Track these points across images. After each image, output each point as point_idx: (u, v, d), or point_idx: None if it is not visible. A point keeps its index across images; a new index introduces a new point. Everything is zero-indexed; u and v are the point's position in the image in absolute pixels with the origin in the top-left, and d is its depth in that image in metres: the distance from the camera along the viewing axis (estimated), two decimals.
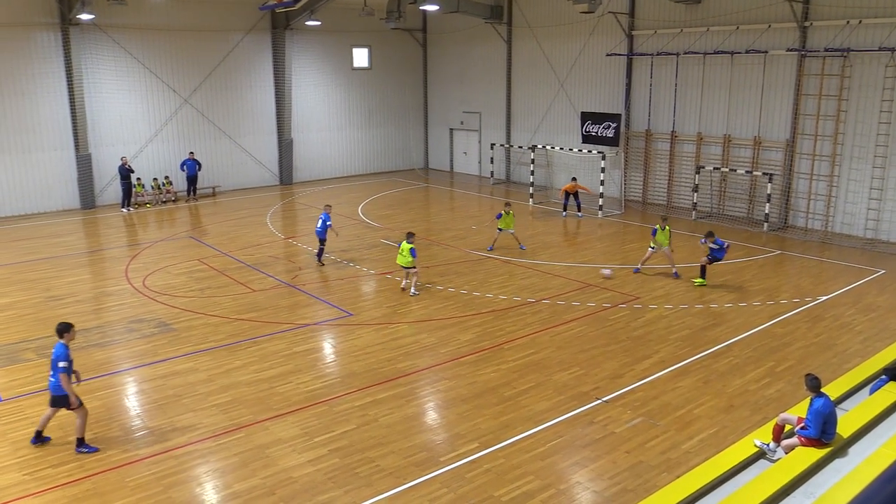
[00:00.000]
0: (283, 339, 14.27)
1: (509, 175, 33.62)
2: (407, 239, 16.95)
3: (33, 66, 26.01)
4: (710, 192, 25.23)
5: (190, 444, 10.30)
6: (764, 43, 23.13)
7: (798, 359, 13.03)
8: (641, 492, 8.92)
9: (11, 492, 9.16)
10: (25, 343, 14.17)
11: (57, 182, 27.21)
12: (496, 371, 12.65)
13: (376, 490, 9.11)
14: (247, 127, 31.78)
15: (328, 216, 19.47)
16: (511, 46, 32.20)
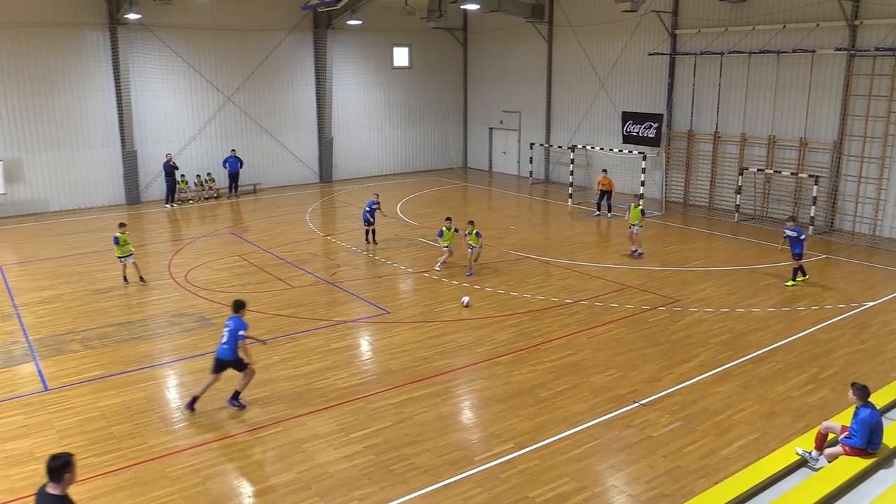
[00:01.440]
0: (320, 335, 14.39)
1: (548, 175, 33.44)
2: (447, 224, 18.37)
3: (82, 65, 26.69)
4: (753, 193, 24.76)
5: (228, 437, 10.44)
6: (811, 42, 22.61)
7: (843, 366, 12.72)
8: (678, 497, 8.81)
9: None
10: (71, 335, 14.52)
11: (103, 178, 27.87)
12: (532, 372, 12.59)
13: (411, 487, 9.13)
14: (288, 125, 32.16)
15: (374, 202, 21.27)
16: (552, 45, 32.01)
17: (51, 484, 6.16)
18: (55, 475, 6.14)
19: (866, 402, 8.77)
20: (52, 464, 6.15)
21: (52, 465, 6.14)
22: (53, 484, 6.16)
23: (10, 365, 13.05)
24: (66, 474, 6.17)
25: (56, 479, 6.14)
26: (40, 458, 9.83)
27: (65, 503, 6.15)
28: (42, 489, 6.26)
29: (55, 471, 6.14)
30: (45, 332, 14.67)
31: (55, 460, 6.18)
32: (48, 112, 26.29)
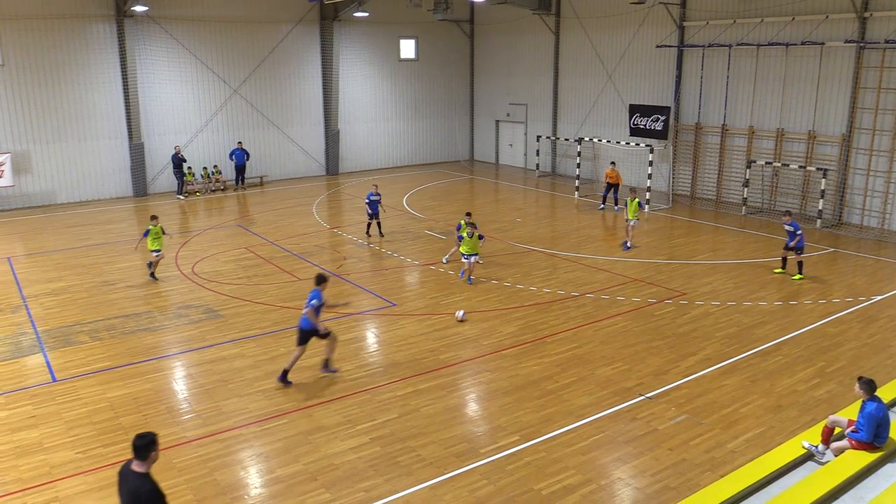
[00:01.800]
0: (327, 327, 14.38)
1: (555, 167, 33.37)
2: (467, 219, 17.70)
3: (89, 57, 26.72)
4: (761, 187, 24.66)
5: (235, 428, 10.49)
6: (820, 34, 22.46)
7: (850, 360, 12.69)
8: (684, 490, 8.81)
9: (65, 469, 9.46)
10: (79, 326, 14.59)
11: (110, 170, 27.93)
12: (538, 364, 12.60)
13: (417, 479, 9.16)
14: (294, 117, 32.16)
15: (373, 193, 21.25)
16: (559, 38, 31.89)
17: (136, 462, 6.21)
18: (141, 453, 6.17)
19: (873, 396, 8.75)
20: (139, 442, 6.18)
21: (139, 444, 6.17)
22: (139, 462, 6.20)
23: (19, 356, 13.12)
24: (151, 452, 6.20)
25: (142, 457, 6.18)
26: (48, 449, 9.92)
27: (149, 480, 6.19)
28: (127, 467, 6.29)
29: (141, 449, 6.17)
30: (53, 323, 14.75)
31: (141, 439, 6.20)
32: (56, 104, 26.35)
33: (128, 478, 6.20)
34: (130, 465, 6.25)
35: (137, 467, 6.18)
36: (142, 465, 6.18)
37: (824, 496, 7.92)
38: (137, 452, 6.17)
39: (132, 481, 6.12)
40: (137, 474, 6.15)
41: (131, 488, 6.09)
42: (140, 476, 6.14)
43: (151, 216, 17.82)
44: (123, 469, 6.31)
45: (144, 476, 6.16)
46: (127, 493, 6.16)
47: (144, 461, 6.18)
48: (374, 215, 21.38)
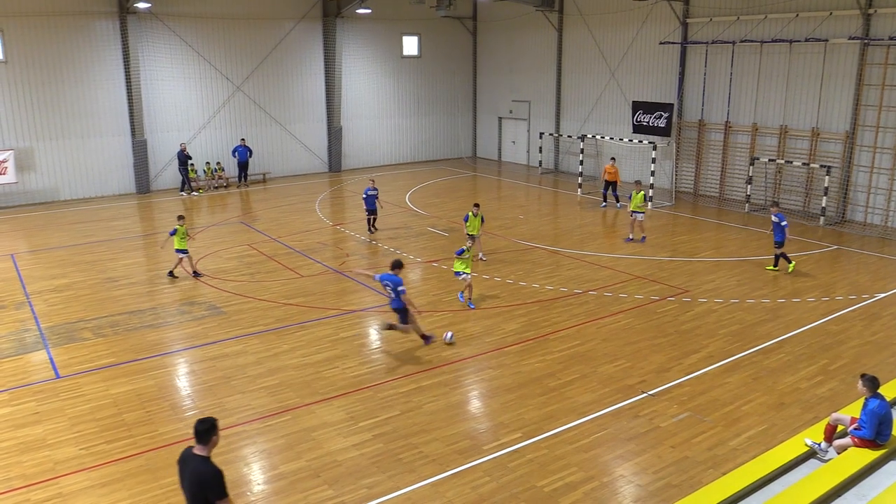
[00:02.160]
0: (329, 324, 14.44)
1: (558, 165, 33.34)
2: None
3: (92, 54, 26.74)
4: (764, 184, 24.62)
5: (238, 424, 10.50)
6: (824, 31, 22.40)
7: (853, 357, 12.67)
8: (686, 488, 8.81)
9: (68, 465, 9.49)
10: (83, 322, 14.63)
11: (114, 167, 27.96)
12: (541, 361, 12.60)
13: (419, 476, 9.17)
14: (297, 114, 32.16)
15: (371, 188, 21.55)
16: (562, 35, 31.84)
17: (198, 446, 6.40)
18: (203, 438, 6.37)
19: (876, 394, 8.75)
20: (200, 427, 6.38)
21: (200, 429, 6.37)
22: (201, 446, 6.39)
23: (23, 352, 13.16)
24: (212, 437, 6.40)
25: (203, 441, 6.38)
26: (52, 445, 9.95)
27: (211, 463, 6.37)
28: (189, 451, 6.50)
29: (203, 434, 6.36)
30: (56, 320, 14.78)
31: (202, 424, 6.40)
32: (59, 101, 26.38)
33: (190, 461, 6.42)
34: (192, 450, 6.46)
35: (199, 451, 6.40)
36: (203, 448, 6.39)
37: (827, 494, 7.93)
38: (199, 437, 6.38)
39: (195, 464, 6.35)
40: (200, 458, 6.38)
41: (194, 471, 6.32)
42: (202, 459, 6.37)
43: (179, 216, 17.81)
44: (185, 454, 6.53)
45: (206, 459, 6.38)
46: (190, 475, 6.37)
47: (206, 445, 6.39)
48: (372, 211, 21.50)
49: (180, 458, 6.59)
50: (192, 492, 6.36)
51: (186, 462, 6.48)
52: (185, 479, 6.46)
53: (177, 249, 17.25)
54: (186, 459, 6.49)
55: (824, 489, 7.93)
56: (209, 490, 6.25)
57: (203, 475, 6.28)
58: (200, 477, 6.28)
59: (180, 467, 6.58)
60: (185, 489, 6.49)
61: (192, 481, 6.34)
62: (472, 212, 17.98)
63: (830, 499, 7.98)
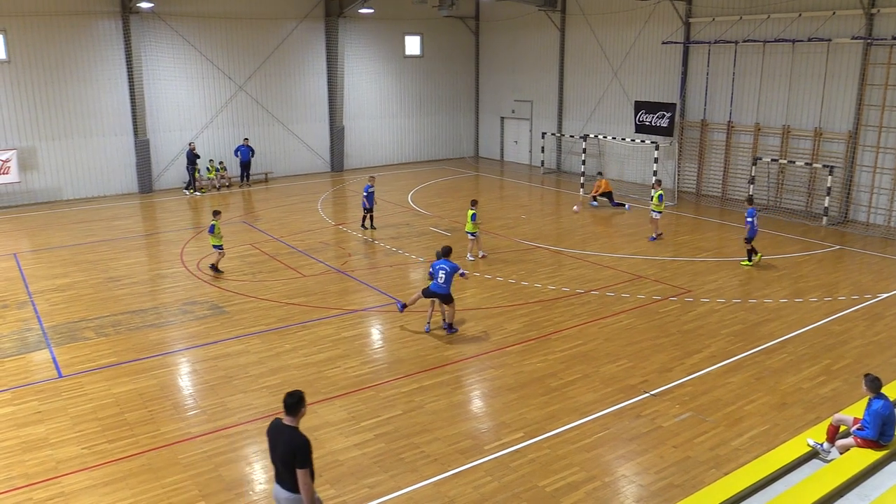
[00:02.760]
0: (331, 323, 14.44)
1: (560, 164, 33.32)
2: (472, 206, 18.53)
3: (95, 54, 26.75)
4: (767, 184, 24.58)
5: (240, 424, 10.51)
6: (827, 31, 22.36)
7: (855, 357, 12.65)
8: (688, 487, 8.80)
9: (70, 464, 9.50)
10: (85, 322, 14.64)
11: (116, 166, 27.97)
12: (543, 361, 12.59)
13: (421, 476, 9.17)
14: (299, 114, 32.16)
15: (370, 186, 21.68)
16: (564, 34, 31.82)
17: (287, 417, 6.84)
18: (292, 410, 6.81)
19: (879, 394, 8.73)
20: (290, 400, 6.81)
21: (290, 402, 6.80)
22: (290, 417, 6.83)
23: (25, 352, 13.17)
24: (300, 409, 6.85)
25: (293, 413, 6.82)
26: (54, 444, 9.96)
27: (301, 433, 6.80)
28: (278, 423, 6.94)
29: (292, 406, 6.80)
30: (59, 319, 14.80)
31: (291, 397, 6.82)
32: (62, 101, 26.40)
33: (281, 432, 6.85)
34: (281, 421, 6.91)
35: (289, 422, 6.84)
36: (293, 420, 6.83)
37: (829, 494, 7.91)
38: (289, 409, 6.81)
39: (287, 434, 6.79)
40: (291, 428, 6.81)
41: (287, 440, 6.76)
42: (293, 429, 6.80)
43: (214, 211, 17.88)
44: (275, 425, 6.96)
45: (296, 429, 6.81)
46: (283, 444, 6.79)
47: (295, 416, 6.83)
48: (370, 208, 21.78)
49: (270, 429, 7.00)
50: (285, 460, 6.78)
51: (278, 432, 6.90)
52: (278, 447, 6.87)
53: (214, 245, 17.48)
54: (277, 430, 6.91)
55: (827, 489, 7.92)
56: (297, 458, 6.68)
57: (295, 444, 6.71)
58: (293, 446, 6.70)
59: (270, 437, 6.98)
60: (277, 457, 6.91)
61: (286, 450, 6.74)
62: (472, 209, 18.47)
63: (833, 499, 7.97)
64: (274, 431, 6.99)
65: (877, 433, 8.64)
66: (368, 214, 21.96)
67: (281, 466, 6.89)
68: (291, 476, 6.79)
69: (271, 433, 7.00)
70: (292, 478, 6.79)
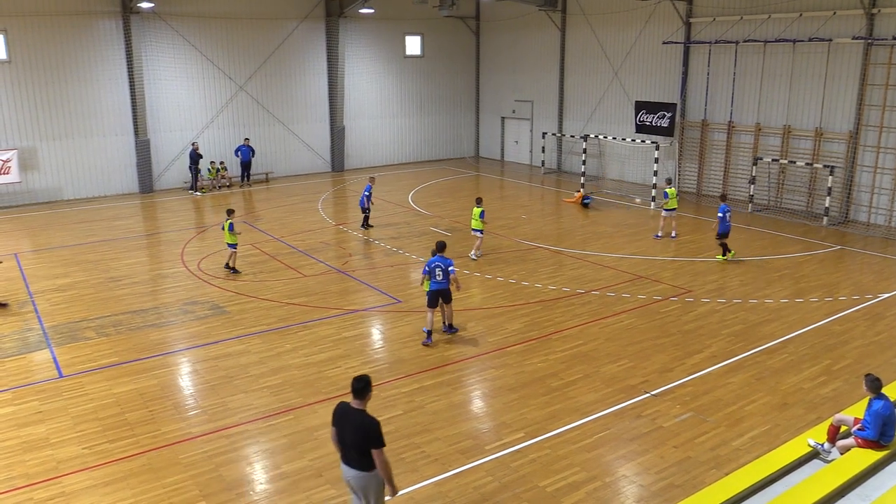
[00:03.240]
0: (332, 324, 14.44)
1: (560, 164, 33.31)
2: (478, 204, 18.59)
3: (96, 54, 26.75)
4: (767, 184, 24.57)
5: (241, 424, 10.51)
6: (828, 31, 22.36)
7: (856, 358, 12.64)
8: (689, 488, 8.79)
9: (71, 464, 9.50)
10: (86, 322, 14.64)
11: (117, 167, 27.97)
12: (544, 361, 12.59)
13: (422, 476, 9.17)
14: (300, 114, 32.16)
15: (370, 187, 21.89)
16: (565, 34, 31.81)
17: (355, 401, 7.09)
18: (360, 394, 7.07)
19: (880, 395, 8.72)
20: (357, 385, 7.06)
21: (358, 386, 7.06)
22: (358, 401, 7.08)
23: (26, 352, 13.18)
24: (368, 393, 7.11)
25: (361, 396, 7.07)
26: (55, 444, 9.96)
27: (370, 416, 7.07)
28: (346, 406, 7.18)
29: (360, 390, 7.06)
30: (59, 319, 14.80)
31: (359, 381, 7.08)
32: (62, 101, 26.40)
33: (350, 415, 7.10)
34: (348, 405, 7.15)
35: (357, 405, 7.08)
36: (361, 403, 7.08)
37: (829, 494, 7.91)
38: (357, 393, 7.06)
39: (356, 417, 7.05)
40: (359, 411, 7.07)
41: (357, 423, 7.03)
42: (362, 412, 7.07)
43: (229, 210, 17.99)
44: (343, 408, 7.19)
45: (365, 412, 7.07)
46: (353, 427, 7.05)
47: (363, 400, 7.08)
48: (367, 208, 21.89)
49: (338, 413, 7.21)
50: (357, 442, 7.03)
51: (347, 416, 7.12)
52: (347, 431, 7.10)
53: (229, 244, 17.61)
54: (346, 414, 7.13)
55: (827, 490, 7.91)
56: (372, 439, 6.94)
57: (367, 426, 6.96)
58: (365, 428, 6.96)
59: (339, 421, 7.20)
60: (347, 440, 7.13)
61: (358, 433, 7.01)
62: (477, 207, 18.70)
63: (833, 499, 7.96)
64: (341, 415, 7.17)
65: (877, 433, 8.64)
66: (367, 215, 22.00)
67: (352, 449, 7.08)
68: (362, 457, 7.02)
69: (338, 417, 7.19)
70: (362, 458, 7.02)
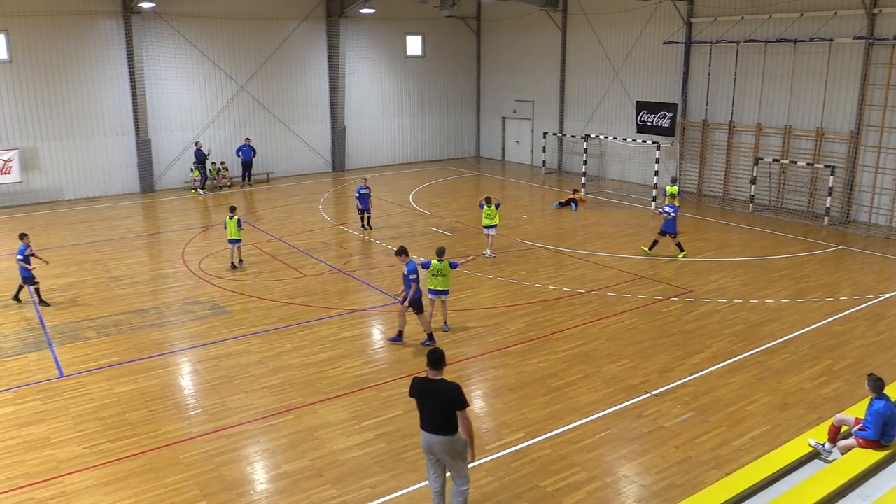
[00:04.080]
0: (332, 323, 14.44)
1: (561, 164, 33.30)
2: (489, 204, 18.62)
3: (97, 54, 26.77)
4: (768, 184, 24.56)
5: (241, 424, 10.50)
6: (829, 31, 22.34)
7: (857, 358, 12.63)
8: (690, 488, 8.78)
9: (72, 464, 9.50)
10: (87, 322, 14.64)
11: (118, 166, 27.98)
12: (544, 361, 12.58)
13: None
14: (301, 114, 32.16)
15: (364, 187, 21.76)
16: (566, 34, 31.80)
17: (432, 372, 7.62)
18: (437, 364, 7.61)
19: (881, 395, 8.71)
20: (434, 356, 7.60)
21: (434, 357, 7.60)
22: (435, 371, 7.62)
23: (27, 351, 13.18)
24: (443, 364, 7.66)
25: (438, 367, 7.62)
26: (56, 444, 9.96)
27: (449, 381, 7.65)
28: (425, 379, 7.67)
29: (437, 361, 7.60)
30: (60, 319, 14.80)
31: (435, 353, 7.64)
32: (63, 101, 26.42)
33: (433, 386, 7.61)
34: (425, 378, 7.66)
35: (435, 376, 7.61)
36: (438, 373, 7.62)
37: (830, 494, 7.90)
38: (435, 364, 7.58)
39: (440, 385, 7.59)
40: (439, 379, 7.61)
41: (442, 390, 7.55)
42: (442, 380, 7.62)
43: (232, 207, 18.22)
44: (421, 383, 7.68)
45: (444, 379, 7.64)
46: (439, 395, 7.55)
47: (439, 370, 7.63)
48: (364, 209, 21.79)
49: (417, 387, 7.68)
50: (444, 409, 7.53)
51: (427, 387, 7.62)
52: (432, 400, 7.58)
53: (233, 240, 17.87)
54: (426, 385, 7.64)
55: (828, 490, 7.90)
56: (457, 402, 7.49)
57: (451, 391, 7.52)
58: (450, 393, 7.51)
59: (420, 394, 7.67)
60: (433, 409, 7.59)
61: (444, 400, 7.51)
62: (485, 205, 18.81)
63: (834, 500, 7.96)
64: (422, 388, 7.65)
65: (878, 433, 8.63)
66: (365, 215, 21.98)
67: (439, 416, 7.55)
68: (447, 422, 7.53)
69: (419, 390, 7.66)
70: (448, 423, 7.53)
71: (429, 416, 7.65)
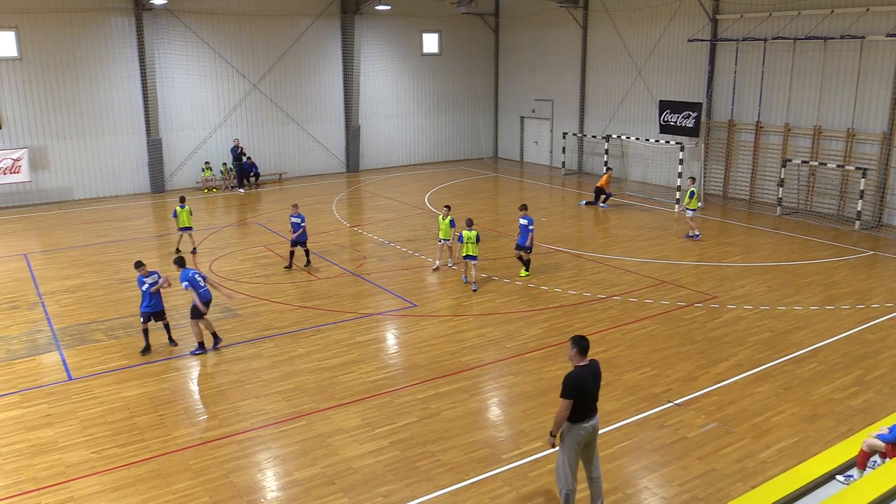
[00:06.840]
0: (346, 328, 14.19)
1: (581, 166, 32.89)
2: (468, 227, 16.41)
3: (107, 51, 26.68)
4: (797, 186, 24.01)
5: (252, 429, 10.31)
6: (861, 28, 21.78)
7: (890, 367, 12.20)
8: (713, 501, 8.56)
9: (79, 469, 9.36)
10: (95, 324, 14.50)
11: (128, 166, 27.88)
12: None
13: (436, 485, 8.94)
14: (314, 113, 31.97)
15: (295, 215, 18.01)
16: (587, 32, 31.40)
17: (582, 358, 7.97)
18: (588, 350, 7.98)
19: None
20: (584, 343, 7.97)
21: (585, 344, 7.98)
22: (583, 357, 7.98)
23: (35, 354, 13.06)
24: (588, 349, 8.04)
25: (587, 352, 7.98)
26: (63, 448, 9.84)
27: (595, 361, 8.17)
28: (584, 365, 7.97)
29: (587, 347, 7.98)
30: (69, 321, 14.68)
31: (585, 340, 8.02)
32: (73, 99, 26.35)
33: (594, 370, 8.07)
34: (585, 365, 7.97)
35: (584, 361, 7.97)
36: (585, 358, 7.97)
37: None
38: (586, 350, 7.95)
39: (595, 366, 8.08)
40: (591, 361, 8.03)
41: (597, 369, 8.11)
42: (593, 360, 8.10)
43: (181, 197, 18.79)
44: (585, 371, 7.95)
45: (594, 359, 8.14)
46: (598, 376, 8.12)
47: (586, 355, 7.99)
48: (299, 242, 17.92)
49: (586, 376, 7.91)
50: (598, 388, 8.16)
51: (591, 372, 8.00)
52: (594, 384, 8.06)
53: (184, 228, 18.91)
54: (588, 370, 7.98)
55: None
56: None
57: (599, 370, 8.17)
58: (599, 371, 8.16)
59: (589, 381, 7.96)
60: (595, 391, 8.09)
61: (599, 378, 8.15)
62: (443, 213, 17.56)
63: None
64: (587, 376, 7.94)
65: None
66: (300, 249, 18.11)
67: (595, 396, 8.08)
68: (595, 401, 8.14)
69: (587, 379, 7.94)
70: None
71: (592, 400, 8.04)
